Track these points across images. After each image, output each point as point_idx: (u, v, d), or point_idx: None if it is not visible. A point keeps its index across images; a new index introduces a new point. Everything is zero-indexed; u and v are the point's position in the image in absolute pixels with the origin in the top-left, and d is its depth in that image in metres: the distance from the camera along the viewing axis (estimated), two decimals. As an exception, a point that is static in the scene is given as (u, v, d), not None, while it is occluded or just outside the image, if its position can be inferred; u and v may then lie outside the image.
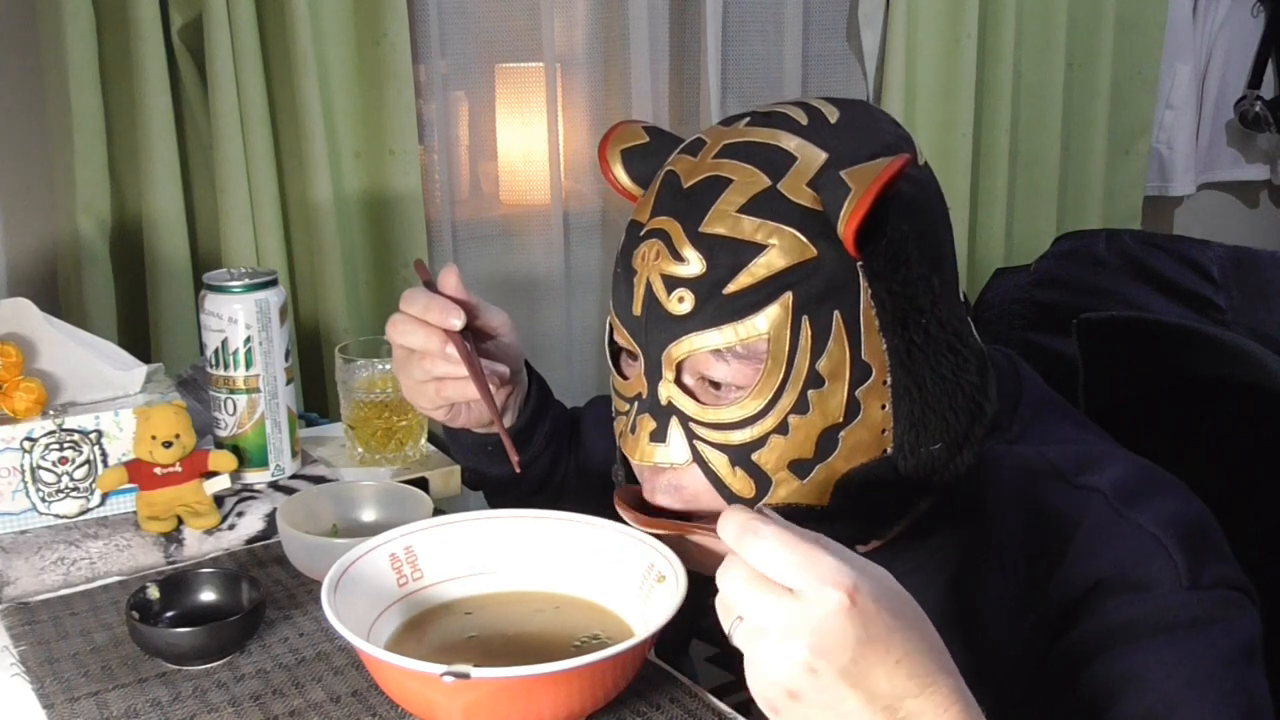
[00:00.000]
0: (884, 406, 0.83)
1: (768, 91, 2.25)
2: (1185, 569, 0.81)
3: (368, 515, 1.12)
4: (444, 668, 0.76)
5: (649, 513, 0.88)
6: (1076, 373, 1.12)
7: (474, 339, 1.01)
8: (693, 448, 0.84)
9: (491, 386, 1.01)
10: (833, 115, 0.85)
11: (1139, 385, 1.09)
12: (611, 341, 0.91)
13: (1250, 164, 2.91)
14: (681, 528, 0.86)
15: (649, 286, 0.84)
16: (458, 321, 0.96)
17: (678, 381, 0.84)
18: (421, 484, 1.26)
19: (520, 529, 0.97)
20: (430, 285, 1.01)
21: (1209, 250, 1.16)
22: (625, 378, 0.89)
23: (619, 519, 0.89)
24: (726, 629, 0.67)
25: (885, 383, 0.82)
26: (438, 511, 1.06)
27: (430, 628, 0.92)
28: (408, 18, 1.86)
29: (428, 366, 0.99)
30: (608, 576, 0.93)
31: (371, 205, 1.92)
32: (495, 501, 1.23)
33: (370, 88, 1.88)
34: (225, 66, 1.72)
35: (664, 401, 0.84)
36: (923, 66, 2.30)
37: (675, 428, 0.84)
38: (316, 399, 1.89)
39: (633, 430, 0.87)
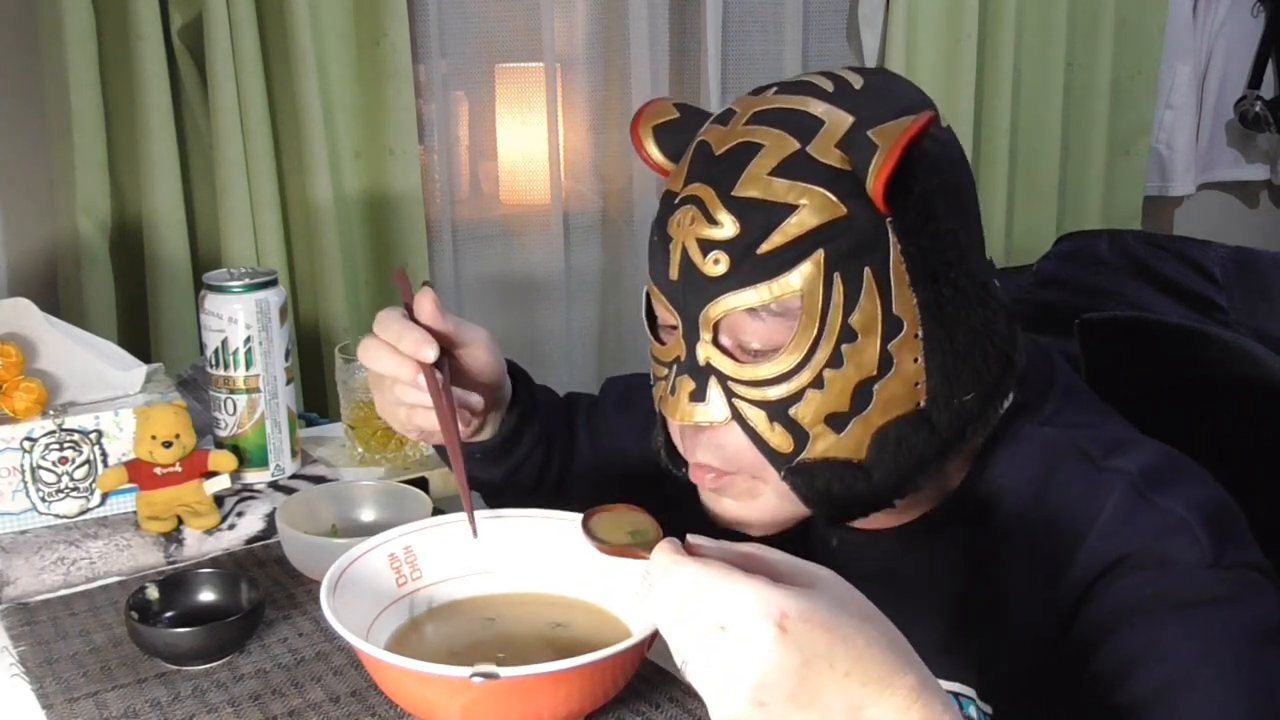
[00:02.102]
0: (916, 359, 0.84)
1: (768, 91, 2.25)
2: (1209, 548, 0.82)
3: (367, 515, 1.12)
4: (443, 668, 0.76)
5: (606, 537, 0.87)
6: (1078, 373, 1.12)
7: (450, 362, 0.99)
8: (731, 405, 0.86)
9: (460, 424, 1.00)
10: (857, 82, 0.88)
11: (1141, 385, 1.08)
12: (649, 311, 0.92)
13: (1250, 164, 2.91)
14: (628, 552, 0.84)
15: (685, 251, 0.85)
16: (430, 353, 0.94)
17: (715, 342, 0.86)
18: (421, 484, 1.26)
19: (519, 529, 0.97)
20: (409, 306, 0.98)
21: (1211, 251, 1.16)
22: (663, 344, 0.91)
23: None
24: (679, 666, 0.67)
25: (917, 336, 0.84)
26: (437, 511, 1.06)
27: (429, 628, 0.92)
28: (408, 18, 1.86)
29: (399, 394, 0.98)
30: (606, 576, 0.93)
31: (371, 205, 1.92)
32: (492, 501, 1.23)
33: (370, 88, 1.88)
34: (225, 66, 1.72)
35: (702, 362, 0.86)
36: (923, 66, 2.30)
37: (714, 387, 0.86)
38: (316, 399, 1.89)
39: (672, 392, 0.88)
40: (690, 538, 0.70)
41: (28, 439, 1.13)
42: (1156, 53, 2.56)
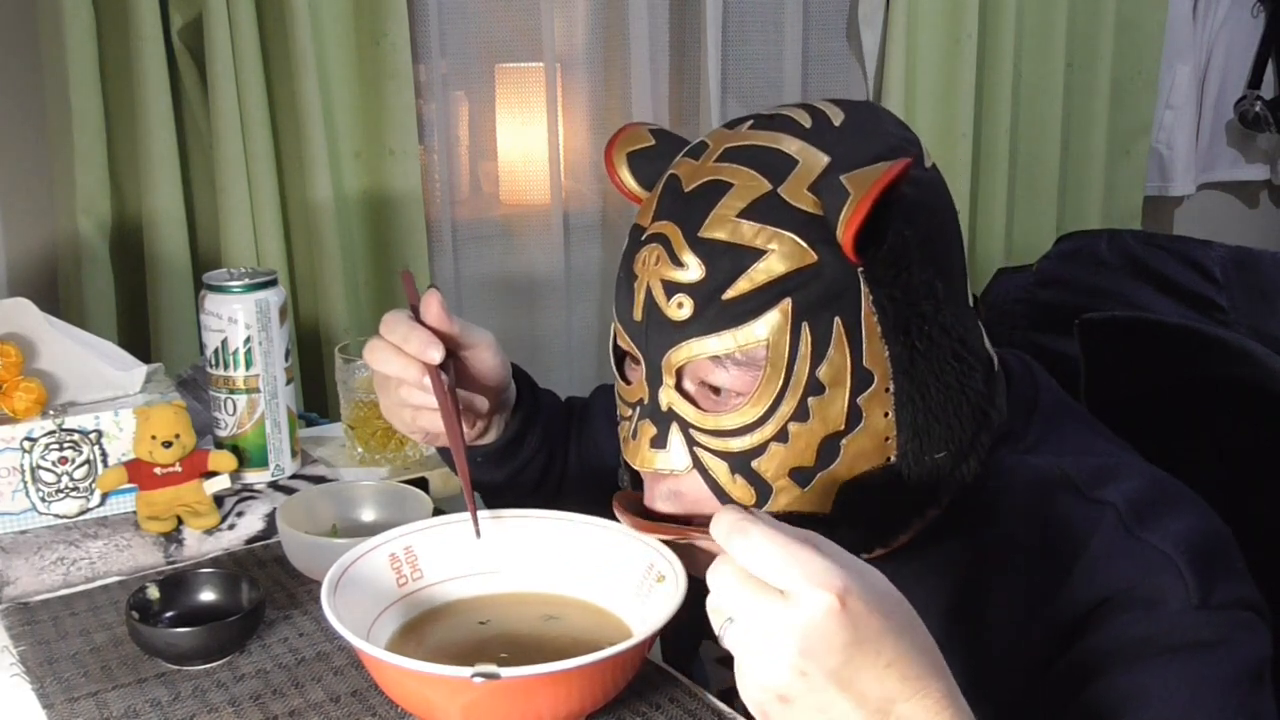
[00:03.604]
0: (887, 414, 0.82)
1: (768, 91, 2.25)
2: (1195, 587, 0.80)
3: (367, 515, 1.12)
4: (444, 668, 0.76)
5: (648, 516, 0.88)
6: (1078, 373, 1.12)
7: (455, 364, 0.98)
8: (693, 454, 0.84)
9: (465, 426, 0.99)
10: (837, 118, 0.84)
11: (1140, 385, 1.08)
12: (615, 345, 0.90)
13: (1250, 164, 2.91)
14: (680, 531, 0.86)
15: (649, 292, 0.83)
16: (436, 355, 0.93)
17: (678, 387, 0.84)
18: (421, 484, 1.26)
19: (520, 529, 0.97)
20: (415, 308, 0.99)
21: (1211, 250, 1.16)
22: (628, 382, 0.89)
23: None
24: (717, 630, 0.67)
25: (888, 390, 0.82)
26: (438, 511, 1.06)
27: (430, 628, 0.92)
28: (408, 18, 1.86)
29: (403, 395, 0.97)
30: (607, 576, 0.93)
31: (371, 205, 1.92)
32: (492, 502, 1.23)
33: (370, 88, 1.88)
34: (225, 66, 1.72)
35: (664, 407, 0.84)
36: (923, 67, 2.29)
37: (675, 434, 0.84)
38: (316, 399, 1.89)
39: (634, 436, 0.86)
40: (751, 509, 0.69)
41: (28, 439, 1.13)
42: (1156, 53, 2.56)
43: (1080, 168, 2.54)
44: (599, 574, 0.93)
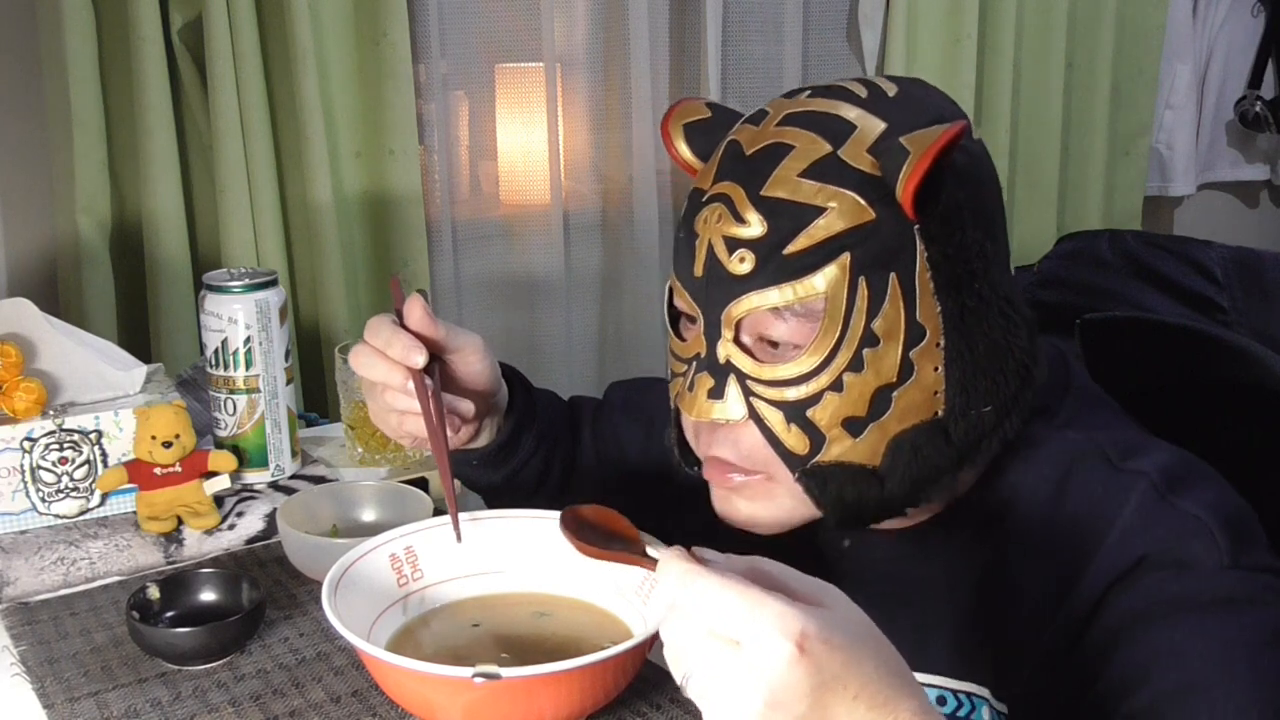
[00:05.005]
0: (936, 368, 0.85)
1: (768, 91, 2.25)
2: (1227, 550, 0.82)
3: (368, 515, 1.12)
4: (445, 668, 0.76)
5: (590, 540, 0.86)
6: (1079, 373, 1.12)
7: (441, 368, 0.99)
8: (749, 404, 0.86)
9: (451, 430, 0.99)
10: (891, 90, 0.88)
11: (1141, 385, 1.08)
12: (670, 306, 0.92)
13: (1250, 164, 2.91)
14: (626, 558, 0.83)
15: (710, 248, 0.86)
16: (419, 358, 0.94)
17: (736, 340, 0.86)
18: (421, 484, 1.26)
19: (520, 529, 0.97)
20: (400, 313, 0.98)
21: (1212, 251, 1.16)
22: (683, 339, 0.91)
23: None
24: (679, 681, 0.66)
25: (939, 345, 0.85)
26: (438, 511, 1.06)
27: (430, 628, 0.92)
28: (408, 18, 1.86)
29: (388, 400, 0.98)
30: (608, 577, 0.93)
31: (371, 205, 1.92)
32: (494, 504, 1.23)
33: (370, 88, 1.88)
34: (225, 66, 1.72)
35: (722, 360, 0.87)
36: (923, 66, 2.30)
37: (733, 385, 0.86)
38: (316, 399, 1.89)
39: (690, 388, 0.88)
40: (695, 550, 0.68)
41: (28, 439, 1.13)
42: (1156, 53, 2.56)
43: (1080, 168, 2.54)
44: (601, 574, 0.93)
